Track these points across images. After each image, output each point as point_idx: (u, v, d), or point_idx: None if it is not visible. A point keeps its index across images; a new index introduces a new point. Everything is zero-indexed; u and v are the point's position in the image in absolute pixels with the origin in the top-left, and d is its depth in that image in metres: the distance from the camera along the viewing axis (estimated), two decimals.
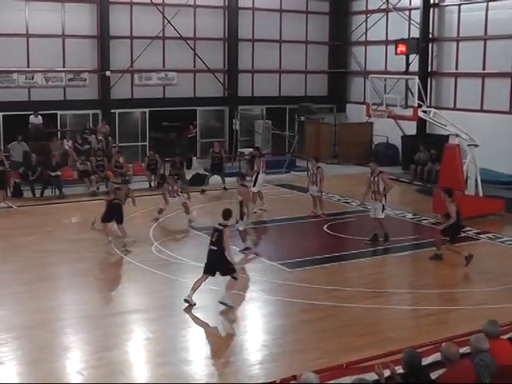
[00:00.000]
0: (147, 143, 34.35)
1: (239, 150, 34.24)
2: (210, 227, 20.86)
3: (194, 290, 14.88)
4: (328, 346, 12.84)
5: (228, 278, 14.89)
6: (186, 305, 15.08)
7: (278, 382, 9.21)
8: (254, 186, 23.89)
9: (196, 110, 36.21)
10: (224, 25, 36.24)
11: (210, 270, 14.92)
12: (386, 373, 9.71)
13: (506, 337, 11.12)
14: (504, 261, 19.58)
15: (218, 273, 14.92)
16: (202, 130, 36.63)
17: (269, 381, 9.80)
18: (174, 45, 34.57)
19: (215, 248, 14.75)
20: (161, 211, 22.28)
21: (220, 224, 14.88)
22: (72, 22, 32.27)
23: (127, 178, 25.38)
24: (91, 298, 15.54)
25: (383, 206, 20.29)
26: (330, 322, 14.17)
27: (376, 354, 10.52)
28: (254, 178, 24.14)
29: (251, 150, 31.79)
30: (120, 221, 19.52)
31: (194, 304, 14.74)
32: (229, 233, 14.79)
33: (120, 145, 32.22)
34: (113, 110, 33.53)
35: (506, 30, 30.45)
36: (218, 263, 14.82)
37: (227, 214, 15.16)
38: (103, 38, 32.89)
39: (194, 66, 35.59)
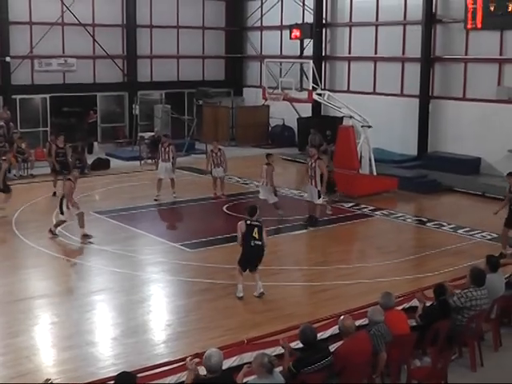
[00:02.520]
0: (48, 129, 34.07)
1: (139, 134, 34.27)
2: (112, 211, 21.18)
3: (241, 283, 14.67)
4: (230, 324, 13.08)
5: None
6: (91, 288, 15.30)
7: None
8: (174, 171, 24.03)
9: (96, 95, 36.02)
10: (122, 11, 36.15)
11: (254, 265, 14.69)
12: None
13: (400, 308, 11.76)
14: (398, 235, 20.24)
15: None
16: (102, 115, 36.47)
17: (174, 359, 9.99)
18: (74, 31, 34.27)
19: (260, 243, 14.49)
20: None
21: (255, 220, 14.60)
22: None
23: None
24: None
25: (319, 191, 20.47)
26: (230, 300, 14.38)
27: (276, 330, 10.95)
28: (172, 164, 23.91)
29: (151, 133, 31.95)
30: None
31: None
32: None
33: (21, 131, 31.88)
34: (13, 96, 33.07)
35: (396, 16, 31.46)
36: (261, 257, 14.70)
37: (254, 210, 14.81)
38: (2, 24, 32.34)
39: (94, 52, 35.37)
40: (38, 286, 15.67)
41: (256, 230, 14.49)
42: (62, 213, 18.70)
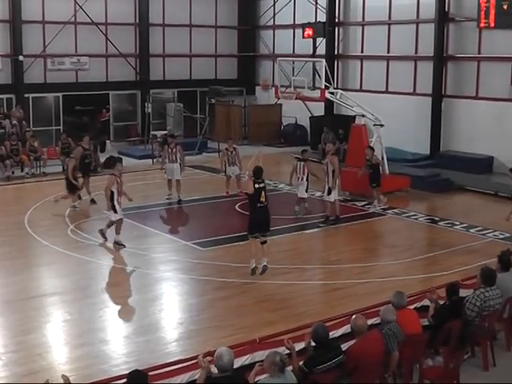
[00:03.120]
0: (61, 127, 34.16)
1: (152, 132, 34.32)
2: (125, 209, 21.14)
3: (254, 257, 15.43)
4: (242, 322, 13.07)
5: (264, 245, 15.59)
6: (103, 285, 15.37)
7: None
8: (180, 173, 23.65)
9: (109, 94, 36.13)
10: (135, 10, 36.20)
11: (263, 227, 15.50)
12: (300, 346, 10.14)
13: (412, 307, 11.69)
14: (410, 234, 20.17)
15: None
16: (114, 113, 36.58)
17: (185, 357, 9.96)
18: (86, 30, 34.38)
19: (264, 204, 15.35)
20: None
21: (262, 182, 15.46)
22: None
23: None
24: (8, 283, 15.41)
25: (329, 188, 20.43)
26: (243, 298, 14.40)
27: (288, 329, 10.93)
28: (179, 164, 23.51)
29: (164, 132, 31.96)
30: None
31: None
32: None
33: (34, 129, 32.00)
34: (26, 95, 33.19)
35: (409, 15, 31.33)
36: (269, 217, 15.61)
37: (261, 172, 15.60)
38: (15, 23, 32.46)
39: (106, 51, 35.46)
40: (50, 284, 15.75)
41: (263, 193, 15.30)
42: (115, 211, 17.88)
